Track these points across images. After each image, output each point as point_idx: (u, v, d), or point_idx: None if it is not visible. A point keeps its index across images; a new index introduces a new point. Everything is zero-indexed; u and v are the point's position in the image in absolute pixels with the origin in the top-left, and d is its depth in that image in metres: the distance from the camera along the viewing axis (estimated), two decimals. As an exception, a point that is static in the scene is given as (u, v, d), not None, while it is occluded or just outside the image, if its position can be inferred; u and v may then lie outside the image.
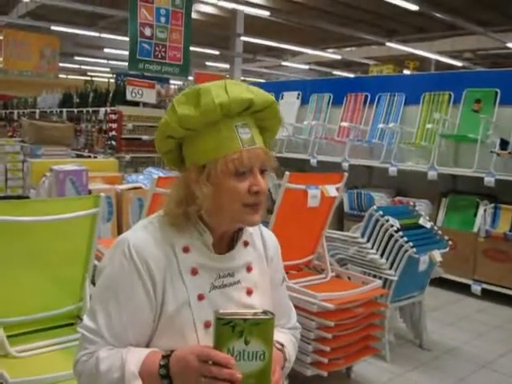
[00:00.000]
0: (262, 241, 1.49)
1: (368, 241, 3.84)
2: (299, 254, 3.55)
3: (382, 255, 3.78)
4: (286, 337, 1.50)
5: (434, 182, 5.92)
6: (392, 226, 3.77)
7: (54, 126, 8.14)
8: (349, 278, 3.57)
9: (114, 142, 9.53)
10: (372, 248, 3.81)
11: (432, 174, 5.87)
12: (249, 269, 1.41)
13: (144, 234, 1.33)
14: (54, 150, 7.52)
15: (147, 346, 1.31)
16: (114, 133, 9.56)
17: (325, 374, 3.04)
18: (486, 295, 5.39)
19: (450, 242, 4.03)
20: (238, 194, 1.27)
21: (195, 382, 1.14)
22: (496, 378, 3.70)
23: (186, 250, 1.32)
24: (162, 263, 1.29)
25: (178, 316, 1.28)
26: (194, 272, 1.31)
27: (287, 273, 3.30)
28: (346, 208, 6.51)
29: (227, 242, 1.40)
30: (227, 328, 1.12)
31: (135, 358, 1.23)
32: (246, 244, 1.42)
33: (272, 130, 1.41)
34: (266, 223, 2.79)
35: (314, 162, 7.13)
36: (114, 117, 9.58)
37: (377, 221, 3.83)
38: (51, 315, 2.44)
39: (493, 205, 5.52)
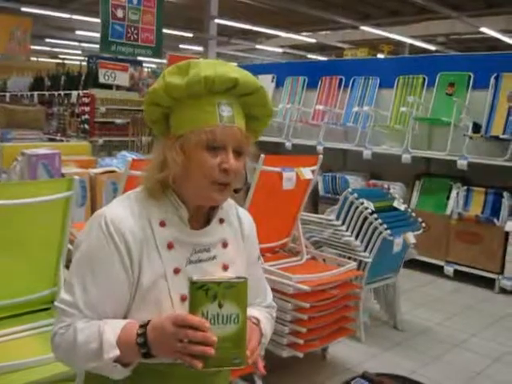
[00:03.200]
0: (237, 219, 1.50)
1: (343, 223, 3.86)
2: (275, 237, 3.56)
3: (356, 237, 3.81)
4: (261, 313, 1.51)
5: (407, 165, 5.97)
6: (366, 208, 3.79)
7: (24, 110, 8.00)
8: (324, 260, 3.59)
9: (86, 126, 9.42)
10: (347, 230, 3.84)
11: (406, 157, 5.92)
12: (224, 245, 1.42)
13: (121, 208, 1.34)
14: (26, 134, 7.38)
15: (124, 318, 1.31)
16: (86, 116, 9.45)
17: (300, 355, 3.06)
18: (459, 276, 5.49)
19: (424, 224, 4.07)
20: (207, 168, 1.28)
21: (172, 348, 1.15)
22: (468, 357, 3.77)
23: (162, 224, 1.33)
24: (138, 236, 1.30)
25: (154, 289, 1.30)
26: (171, 246, 1.33)
27: (263, 255, 3.30)
28: (321, 191, 6.54)
29: (203, 219, 1.41)
30: (201, 292, 1.14)
31: (113, 328, 1.23)
32: (221, 221, 1.44)
33: (261, 120, 1.42)
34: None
35: (288, 145, 7.14)
36: (86, 100, 9.46)
37: (351, 203, 3.85)
38: (25, 300, 2.41)
39: (465, 187, 5.60)
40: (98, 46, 8.50)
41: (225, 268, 1.40)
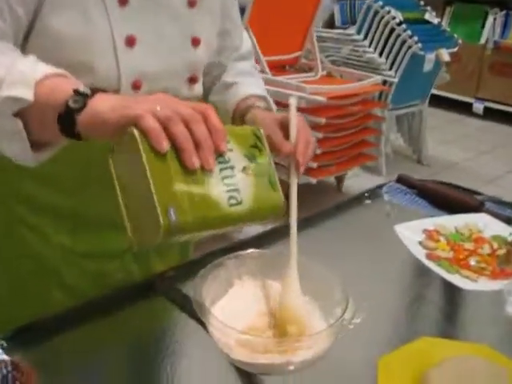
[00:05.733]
0: None
1: (365, 38, 3.34)
2: (284, 49, 2.99)
3: (380, 54, 3.28)
4: (258, 84, 1.04)
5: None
6: (394, 18, 3.21)
7: None
8: (341, 77, 3.05)
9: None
10: (369, 46, 3.31)
11: (437, -22, 5.16)
12: None
13: None
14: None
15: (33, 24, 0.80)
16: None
17: (314, 181, 2.64)
18: (489, 114, 4.95)
19: (460, 41, 3.47)
20: None
21: (148, 107, 0.61)
22: (503, 194, 3.35)
23: None
24: None
25: None
26: None
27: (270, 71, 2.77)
28: (338, 22, 5.83)
29: None
30: (250, 131, 0.71)
31: (38, 67, 0.71)
32: None
33: None
34: None
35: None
36: None
37: (376, 13, 3.27)
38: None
39: (504, 12, 4.89)
40: None
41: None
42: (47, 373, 0.70)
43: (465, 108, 5.08)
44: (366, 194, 1.25)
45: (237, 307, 0.76)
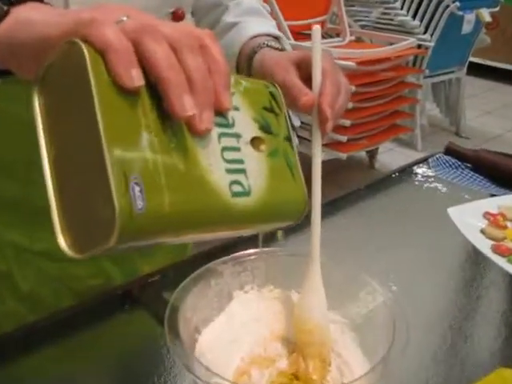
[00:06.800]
0: None
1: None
2: (307, 12, 2.73)
3: (414, 16, 3.00)
4: (269, 22, 0.79)
5: None
6: (429, -25, 2.91)
7: None
8: (371, 42, 2.80)
9: None
10: (402, 8, 3.02)
11: None
12: None
13: None
14: None
15: None
16: None
17: (344, 156, 2.40)
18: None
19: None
20: None
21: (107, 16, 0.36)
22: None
23: None
24: None
25: None
26: None
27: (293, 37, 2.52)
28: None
29: None
30: (262, 86, 0.48)
31: None
32: None
33: None
34: None
35: None
36: None
37: (408, -29, 2.97)
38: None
39: (547, -30, 4.52)
40: None
41: None
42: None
43: (505, 76, 4.74)
44: (407, 169, 1.02)
45: (236, 330, 0.55)
